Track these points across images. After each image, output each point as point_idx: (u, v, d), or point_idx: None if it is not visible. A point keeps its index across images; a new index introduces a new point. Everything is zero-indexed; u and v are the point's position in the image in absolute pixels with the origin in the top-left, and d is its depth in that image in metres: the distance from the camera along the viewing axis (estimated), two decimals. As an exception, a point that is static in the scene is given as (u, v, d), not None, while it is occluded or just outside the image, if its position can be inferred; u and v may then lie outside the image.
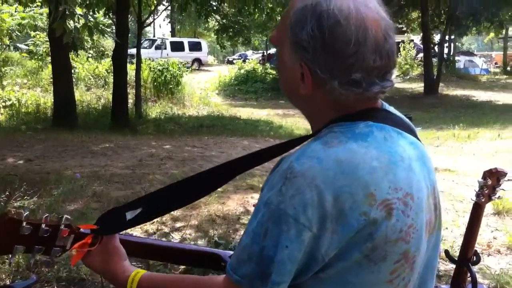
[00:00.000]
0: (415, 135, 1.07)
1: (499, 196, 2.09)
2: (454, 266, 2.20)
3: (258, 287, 0.90)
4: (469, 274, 2.14)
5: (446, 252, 2.28)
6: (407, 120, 1.10)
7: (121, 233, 1.24)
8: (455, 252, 3.33)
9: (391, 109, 1.07)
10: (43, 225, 1.15)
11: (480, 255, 3.94)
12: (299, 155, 0.92)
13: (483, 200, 2.06)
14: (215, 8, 18.25)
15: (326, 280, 0.93)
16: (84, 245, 1.17)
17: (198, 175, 1.16)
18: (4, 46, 19.45)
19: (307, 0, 0.95)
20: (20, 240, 1.13)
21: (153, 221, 4.31)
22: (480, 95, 23.25)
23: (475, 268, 2.18)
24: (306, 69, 0.96)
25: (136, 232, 4.18)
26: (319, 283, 0.93)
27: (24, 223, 1.13)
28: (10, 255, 1.16)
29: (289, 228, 0.88)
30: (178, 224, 4.71)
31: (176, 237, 4.44)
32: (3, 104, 13.90)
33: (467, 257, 2.13)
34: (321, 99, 0.99)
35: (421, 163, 1.02)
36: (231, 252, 1.26)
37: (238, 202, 5.47)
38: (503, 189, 2.05)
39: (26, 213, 1.14)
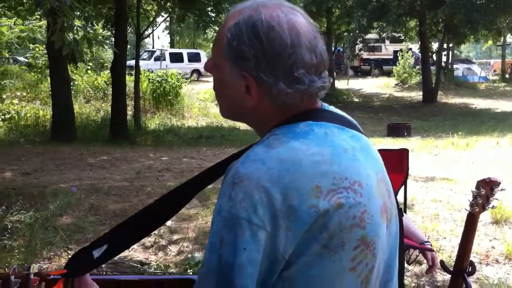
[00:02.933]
0: (358, 130, 1.11)
1: (493, 206, 2.07)
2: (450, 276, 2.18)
3: None
4: (464, 285, 2.12)
5: (442, 262, 2.25)
6: (348, 117, 1.14)
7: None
8: (453, 262, 3.30)
9: (332, 108, 1.12)
10: (12, 277, 1.14)
11: (478, 264, 3.94)
12: (243, 160, 0.96)
13: (477, 210, 2.04)
14: (213, 19, 18.30)
15: (291, 279, 0.94)
16: None
17: (156, 202, 1.20)
18: (3, 59, 19.49)
19: (238, 17, 1.01)
20: None
21: (151, 234, 4.29)
22: (479, 103, 23.31)
23: (472, 279, 2.16)
24: (250, 79, 1.00)
25: (134, 246, 4.15)
26: (285, 283, 0.95)
27: None
28: None
29: (244, 230, 0.90)
30: (175, 237, 4.69)
31: (173, 250, 4.42)
32: (2, 117, 13.94)
33: (462, 267, 2.12)
34: (268, 105, 1.03)
35: (365, 153, 1.05)
36: None
37: (236, 214, 5.45)
38: (496, 199, 2.04)
39: None
